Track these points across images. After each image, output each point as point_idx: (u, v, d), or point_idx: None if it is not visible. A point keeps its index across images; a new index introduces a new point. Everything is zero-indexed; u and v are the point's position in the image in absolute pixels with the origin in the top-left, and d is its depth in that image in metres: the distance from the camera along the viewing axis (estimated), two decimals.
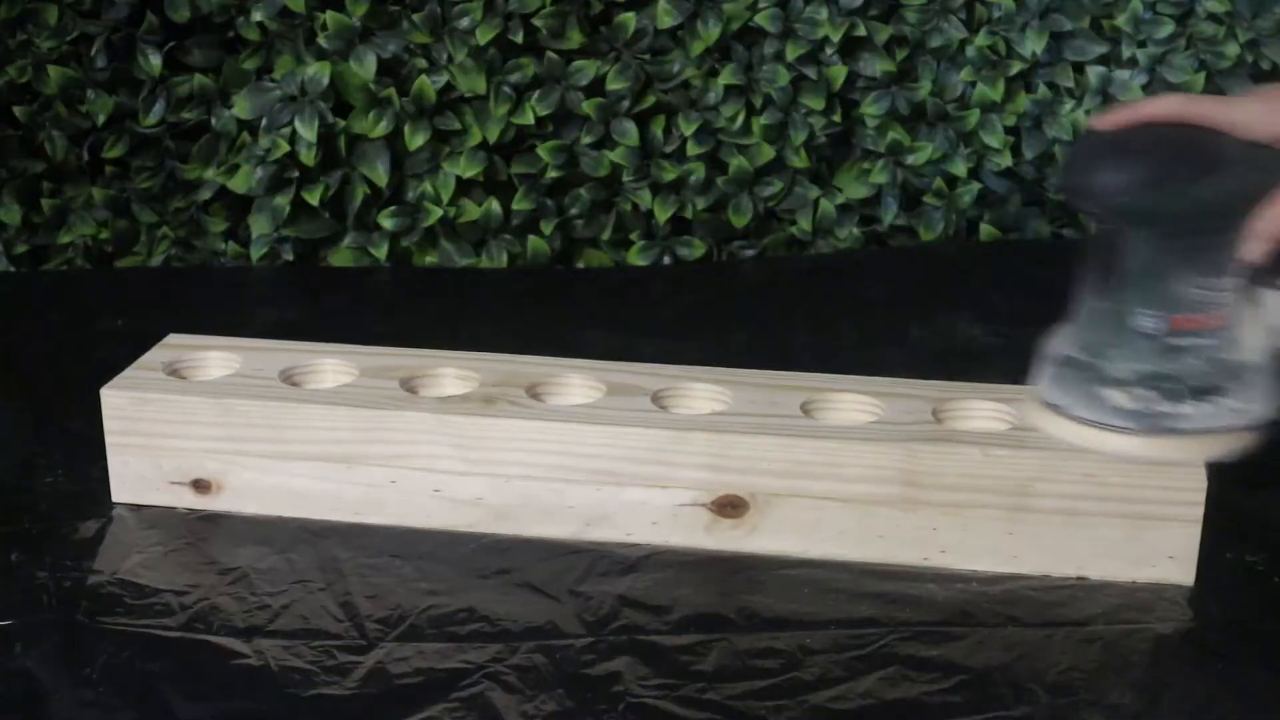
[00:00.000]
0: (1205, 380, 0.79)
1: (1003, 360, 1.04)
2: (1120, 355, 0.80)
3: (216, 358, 0.95)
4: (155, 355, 0.95)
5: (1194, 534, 0.82)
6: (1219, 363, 0.79)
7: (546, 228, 1.34)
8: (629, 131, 1.31)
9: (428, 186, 1.31)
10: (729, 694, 0.74)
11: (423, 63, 1.30)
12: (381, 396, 0.89)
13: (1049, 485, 0.83)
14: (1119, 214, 0.80)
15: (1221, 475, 0.83)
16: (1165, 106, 0.80)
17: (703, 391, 0.91)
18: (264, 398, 0.89)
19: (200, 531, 0.89)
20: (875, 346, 1.05)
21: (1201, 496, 0.81)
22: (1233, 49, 1.33)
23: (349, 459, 0.88)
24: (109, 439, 0.91)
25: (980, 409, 0.89)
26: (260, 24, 1.30)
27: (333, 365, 0.94)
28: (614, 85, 1.31)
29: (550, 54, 1.30)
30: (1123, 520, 0.82)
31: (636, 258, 1.36)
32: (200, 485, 0.90)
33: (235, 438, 0.89)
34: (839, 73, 1.32)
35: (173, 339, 0.97)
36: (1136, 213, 0.79)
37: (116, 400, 0.90)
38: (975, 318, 1.17)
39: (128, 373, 0.92)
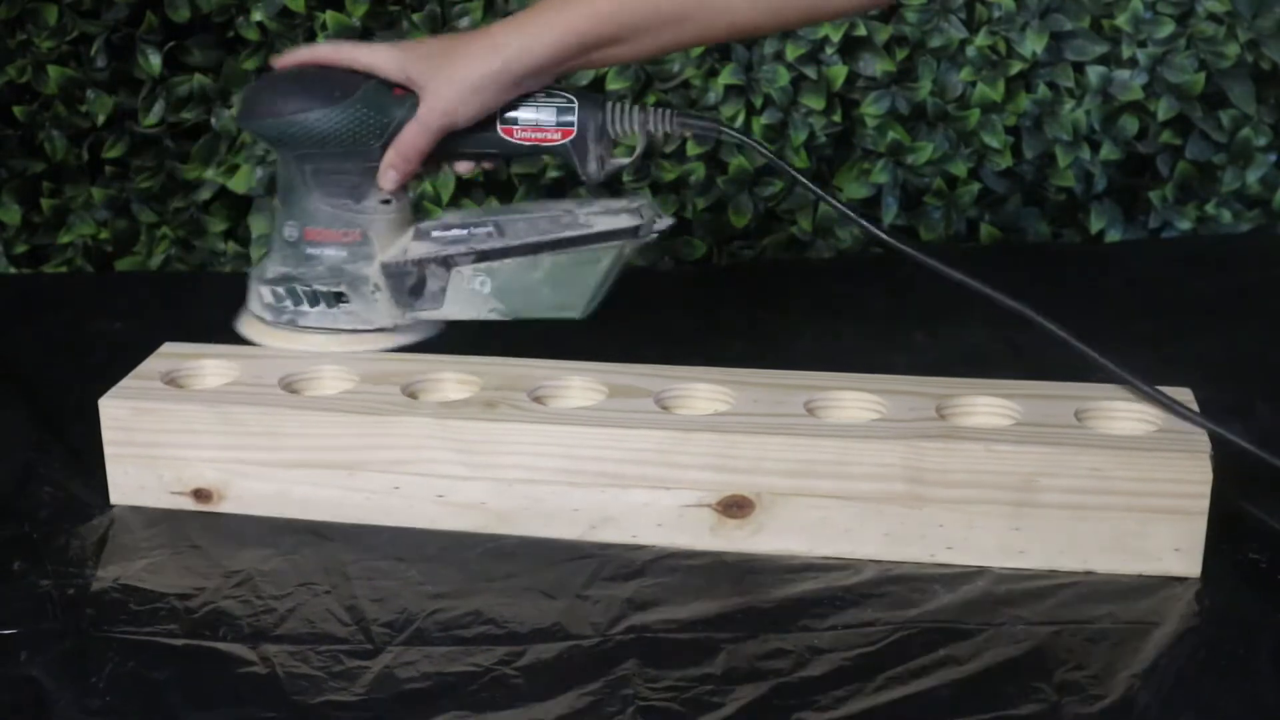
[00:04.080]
0: (330, 286, 0.94)
1: (1008, 364, 1.04)
2: (273, 259, 0.96)
3: (214, 365, 0.94)
4: (152, 364, 0.94)
5: (1200, 527, 0.82)
6: (344, 273, 0.94)
7: None
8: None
9: (428, 186, 1.31)
10: (738, 694, 0.74)
11: None
12: (382, 402, 0.89)
13: (1054, 480, 0.83)
14: (260, 137, 0.95)
15: (1223, 473, 0.83)
16: (323, 51, 0.95)
17: (705, 392, 0.91)
18: (263, 405, 0.89)
19: (203, 534, 0.89)
20: (878, 350, 1.05)
21: (1207, 489, 0.81)
22: (1233, 49, 1.33)
23: (351, 466, 0.88)
24: (108, 449, 0.91)
25: (984, 405, 0.89)
26: (260, 24, 1.30)
27: (332, 371, 0.94)
28: (614, 85, 1.31)
29: None
30: (1128, 514, 0.82)
31: (636, 258, 1.35)
32: (201, 495, 0.90)
33: (235, 446, 0.89)
34: (839, 73, 1.32)
35: (169, 347, 0.97)
36: (269, 136, 0.94)
37: (115, 410, 0.90)
38: (978, 321, 1.17)
39: (125, 382, 0.92)
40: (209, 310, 1.24)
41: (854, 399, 0.90)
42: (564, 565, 0.85)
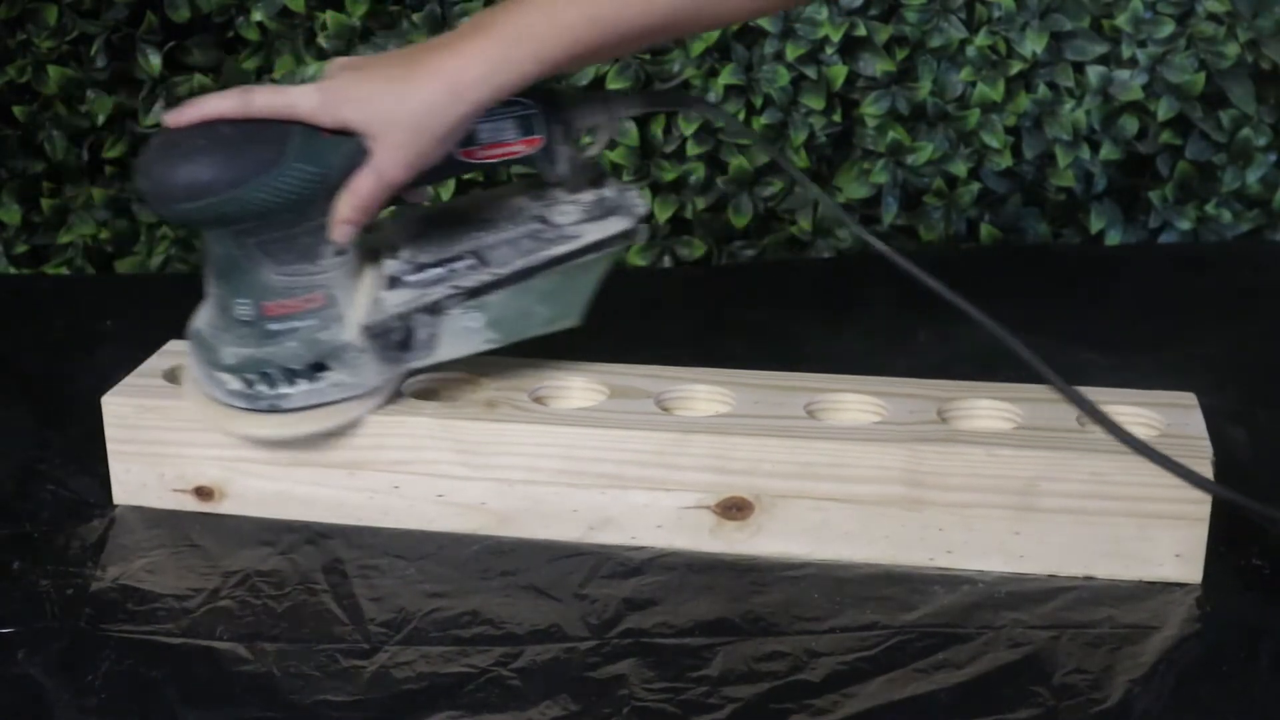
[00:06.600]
0: (305, 360, 0.82)
1: (1010, 366, 1.03)
2: (227, 340, 0.84)
3: None
4: (156, 362, 0.94)
5: (1201, 533, 0.82)
6: (318, 342, 0.83)
7: None
8: (629, 131, 1.31)
9: (428, 186, 1.31)
10: (734, 697, 0.74)
11: None
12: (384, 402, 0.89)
13: (1054, 484, 0.82)
14: (188, 223, 0.83)
15: (1225, 478, 0.82)
16: (227, 103, 0.80)
17: (705, 393, 0.91)
18: None
19: (203, 533, 0.89)
20: (879, 351, 1.05)
21: (1208, 495, 0.81)
22: (1233, 49, 1.33)
23: (351, 465, 0.88)
24: (110, 446, 0.91)
25: (985, 408, 0.89)
26: (260, 24, 1.30)
27: None
28: (614, 85, 1.30)
29: None
30: (1129, 519, 0.82)
31: (636, 258, 1.35)
32: (203, 493, 0.90)
33: (237, 444, 0.89)
34: (839, 73, 1.32)
35: (173, 345, 0.96)
36: (199, 221, 0.81)
37: (117, 407, 0.90)
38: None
39: (129, 380, 0.92)
40: None
41: (855, 401, 0.90)
42: (562, 565, 0.85)
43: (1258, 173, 1.36)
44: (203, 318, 0.86)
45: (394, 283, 0.84)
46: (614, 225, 0.86)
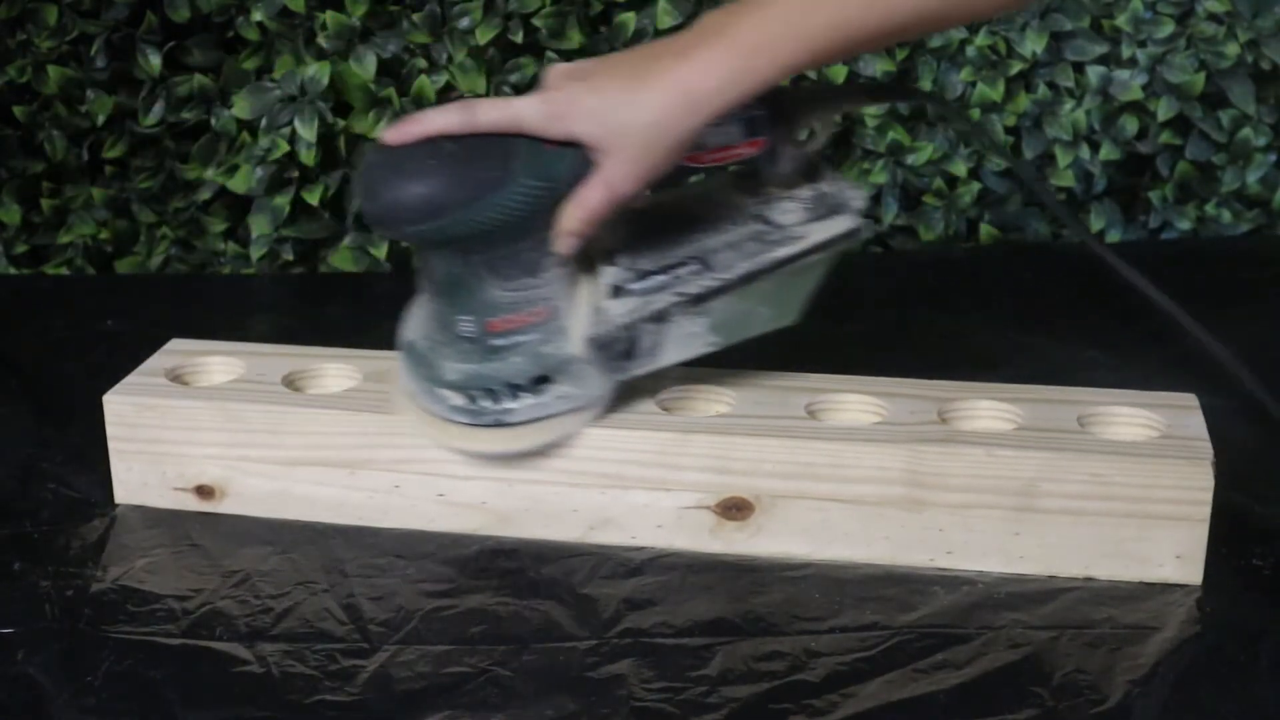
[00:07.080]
0: (529, 374, 0.81)
1: (1012, 365, 1.04)
2: (448, 355, 0.82)
3: (219, 363, 0.94)
4: (158, 361, 0.94)
5: (1201, 534, 0.82)
6: (542, 356, 0.81)
7: None
8: None
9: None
10: (733, 697, 0.74)
11: (423, 63, 1.30)
12: (385, 400, 0.89)
13: (1054, 485, 0.82)
14: (416, 242, 0.80)
15: (1227, 479, 0.82)
16: (450, 119, 0.77)
17: (705, 393, 0.91)
18: (266, 403, 0.89)
19: (203, 533, 0.89)
20: (880, 351, 1.04)
21: (1209, 496, 0.81)
22: (1233, 49, 1.33)
23: (352, 464, 0.88)
24: (112, 445, 0.91)
25: (985, 409, 0.89)
26: (260, 24, 1.30)
27: (335, 370, 0.94)
28: None
29: (550, 54, 1.30)
30: (1130, 520, 0.82)
31: None
32: (203, 491, 0.90)
33: (238, 443, 0.89)
34: (839, 73, 1.31)
35: (175, 344, 0.97)
36: (429, 241, 0.79)
37: (119, 406, 0.90)
38: (981, 322, 1.16)
39: (130, 378, 0.92)
40: (209, 310, 1.25)
41: (855, 401, 0.90)
42: (562, 564, 0.85)
43: (1257, 173, 1.36)
44: (416, 330, 0.84)
45: (617, 291, 0.82)
46: (838, 225, 0.84)
